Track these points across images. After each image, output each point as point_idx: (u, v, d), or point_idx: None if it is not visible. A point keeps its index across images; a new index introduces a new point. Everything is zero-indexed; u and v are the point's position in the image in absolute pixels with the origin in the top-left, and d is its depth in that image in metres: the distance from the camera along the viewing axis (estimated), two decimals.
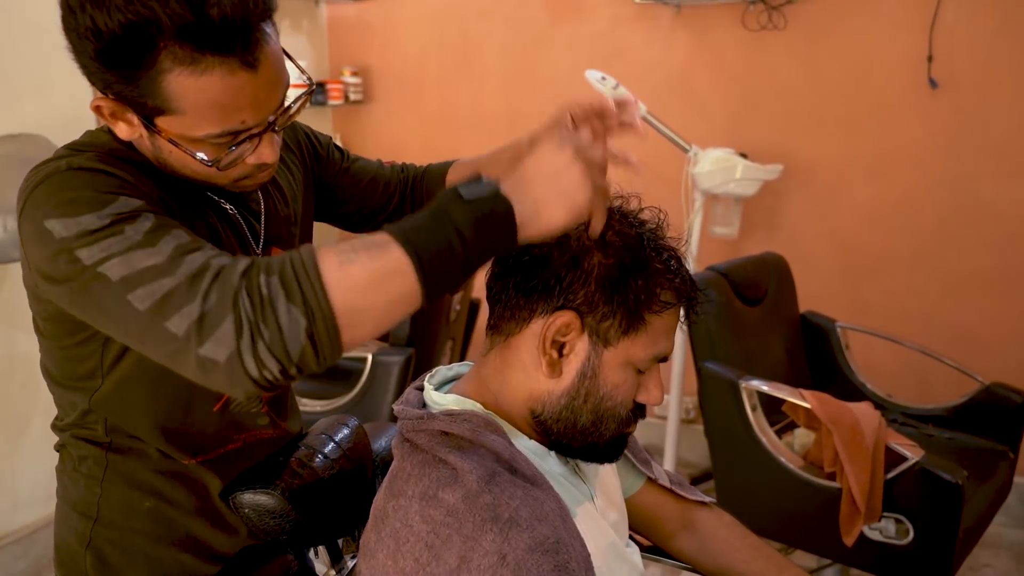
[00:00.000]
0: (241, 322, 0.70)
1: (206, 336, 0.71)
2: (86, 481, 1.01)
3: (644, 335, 0.88)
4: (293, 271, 0.71)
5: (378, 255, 0.71)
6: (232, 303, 0.70)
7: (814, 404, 1.94)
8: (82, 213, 0.77)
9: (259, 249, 1.03)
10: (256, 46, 0.78)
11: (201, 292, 0.72)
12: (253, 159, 0.87)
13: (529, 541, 0.79)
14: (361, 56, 3.47)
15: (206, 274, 0.73)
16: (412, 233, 0.72)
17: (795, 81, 2.79)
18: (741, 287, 2.33)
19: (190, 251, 0.75)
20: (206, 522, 1.04)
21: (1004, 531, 2.64)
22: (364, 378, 2.48)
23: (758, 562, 1.10)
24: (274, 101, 0.84)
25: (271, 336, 0.70)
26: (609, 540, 0.96)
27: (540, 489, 0.86)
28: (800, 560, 2.31)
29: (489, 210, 0.73)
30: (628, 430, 0.94)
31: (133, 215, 0.78)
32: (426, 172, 1.30)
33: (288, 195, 1.11)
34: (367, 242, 0.73)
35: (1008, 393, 2.23)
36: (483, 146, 3.40)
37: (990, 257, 2.63)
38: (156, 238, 0.76)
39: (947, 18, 2.55)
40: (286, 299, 0.70)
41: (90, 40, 0.76)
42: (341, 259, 0.71)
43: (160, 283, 0.73)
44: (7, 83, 2.28)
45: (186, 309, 0.71)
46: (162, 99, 0.78)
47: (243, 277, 0.72)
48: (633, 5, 2.91)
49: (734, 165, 2.57)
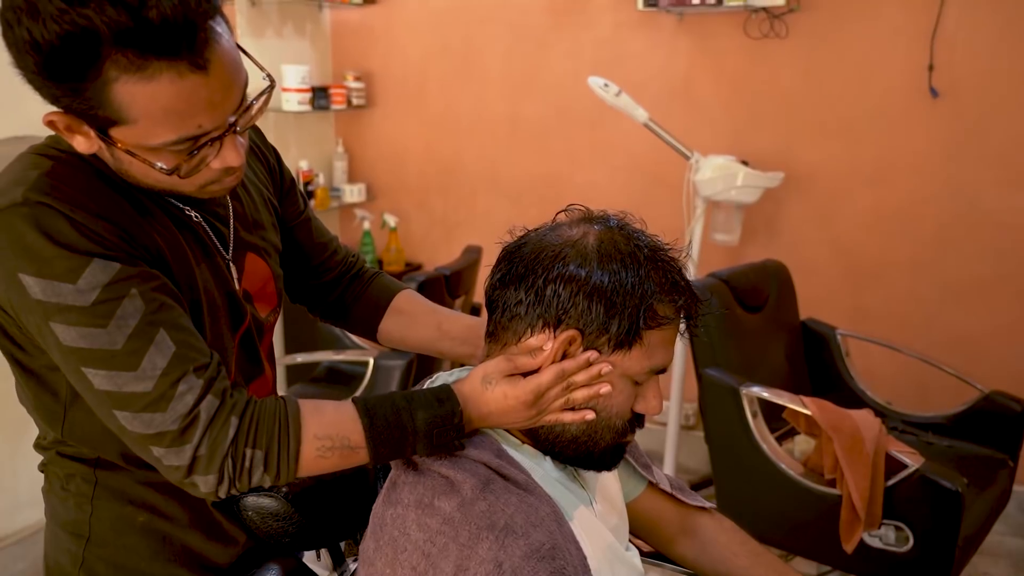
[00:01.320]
0: (222, 478, 0.83)
1: (193, 474, 0.83)
2: (76, 500, 0.98)
3: (641, 349, 0.88)
4: (276, 452, 0.84)
5: (349, 457, 0.87)
6: (220, 465, 0.82)
7: (814, 411, 1.94)
8: (59, 279, 0.78)
9: (229, 255, 0.98)
10: (204, 46, 0.75)
11: (193, 443, 0.81)
12: (217, 163, 0.83)
13: (525, 548, 0.80)
14: (364, 61, 3.48)
15: (197, 426, 0.81)
16: (383, 447, 0.87)
17: (796, 89, 2.80)
18: (742, 294, 2.33)
19: (177, 379, 0.81)
20: (202, 534, 1.02)
21: (1003, 539, 2.64)
22: (366, 382, 2.49)
23: (758, 568, 1.10)
24: (231, 102, 0.80)
25: (242, 486, 0.85)
26: (608, 543, 0.96)
27: (534, 495, 0.87)
28: (800, 567, 2.30)
29: (446, 445, 0.88)
30: (625, 440, 0.94)
31: (115, 297, 0.79)
32: (375, 280, 1.23)
33: (257, 200, 1.06)
34: (344, 440, 0.87)
35: (1008, 401, 2.23)
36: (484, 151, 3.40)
37: (990, 265, 2.63)
38: (140, 353, 0.80)
39: (948, 27, 2.56)
40: (263, 471, 0.84)
41: (30, 54, 0.73)
42: (319, 452, 0.86)
43: (151, 417, 0.80)
44: (11, 85, 2.28)
45: (176, 450, 0.81)
46: (112, 109, 0.75)
47: (232, 443, 0.82)
48: (636, 12, 2.92)
49: (735, 172, 2.58)
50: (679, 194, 2.73)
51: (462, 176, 3.41)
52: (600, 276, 0.86)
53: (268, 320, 1.06)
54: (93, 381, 0.80)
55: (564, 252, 0.87)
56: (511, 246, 0.93)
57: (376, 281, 1.23)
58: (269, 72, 0.86)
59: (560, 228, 0.92)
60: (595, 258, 0.87)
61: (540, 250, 0.89)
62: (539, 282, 0.87)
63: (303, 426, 0.85)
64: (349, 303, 1.22)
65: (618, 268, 0.86)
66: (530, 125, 3.23)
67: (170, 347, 0.81)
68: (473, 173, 3.38)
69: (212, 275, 0.94)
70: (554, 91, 3.15)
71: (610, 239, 0.88)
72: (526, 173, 3.27)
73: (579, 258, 0.87)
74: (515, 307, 0.89)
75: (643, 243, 0.90)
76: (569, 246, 0.88)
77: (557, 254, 0.87)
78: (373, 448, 0.86)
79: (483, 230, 3.35)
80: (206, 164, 0.83)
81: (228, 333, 0.97)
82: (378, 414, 0.87)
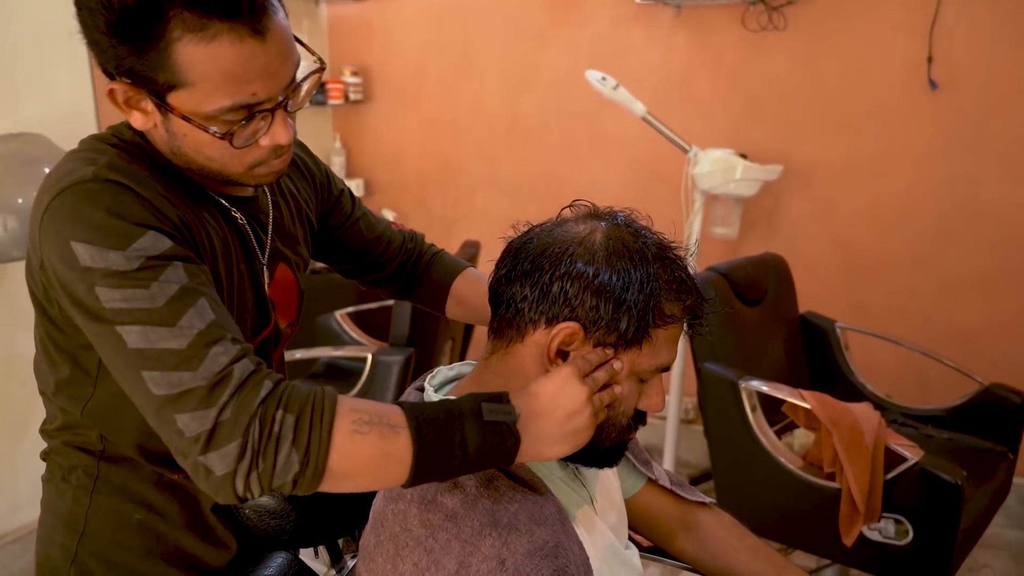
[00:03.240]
0: (246, 448, 0.74)
1: (212, 448, 0.75)
2: (75, 492, 0.98)
3: (648, 347, 0.87)
4: (309, 419, 0.76)
5: (389, 437, 0.77)
6: (245, 427, 0.74)
7: (814, 404, 1.94)
8: (110, 247, 0.78)
9: (264, 260, 1.01)
10: (263, 13, 0.79)
11: (219, 404, 0.75)
12: (267, 140, 0.86)
13: (528, 545, 0.79)
14: (361, 56, 3.47)
15: (228, 384, 0.76)
16: (425, 428, 0.77)
17: (795, 82, 2.79)
18: (741, 287, 2.33)
19: (212, 341, 0.77)
20: (196, 536, 1.02)
21: (1003, 532, 2.64)
22: (364, 377, 2.48)
23: (757, 563, 1.10)
24: (285, 74, 0.84)
25: (265, 468, 0.75)
26: (608, 542, 0.96)
27: (538, 493, 0.86)
28: (800, 560, 2.31)
29: (499, 440, 0.79)
30: (628, 437, 0.94)
31: (161, 263, 0.79)
32: (435, 261, 1.29)
33: (295, 213, 1.10)
34: (383, 417, 0.78)
35: (1007, 394, 2.23)
36: (483, 146, 3.39)
37: (989, 258, 2.63)
38: (179, 312, 0.78)
39: (947, 19, 2.55)
40: (292, 443, 0.75)
41: (102, 13, 0.77)
42: (355, 426, 0.77)
43: (179, 376, 0.76)
44: (8, 82, 2.28)
45: (201, 413, 0.75)
46: (173, 71, 0.79)
47: (262, 404, 0.75)
48: (633, 5, 2.91)
49: (734, 166, 2.58)
50: (678, 188, 2.72)
51: (460, 172, 3.40)
52: (608, 274, 0.85)
53: (286, 331, 1.08)
54: (127, 339, 0.77)
55: (571, 249, 0.87)
56: (516, 241, 0.92)
57: (435, 264, 1.28)
58: (320, 56, 0.89)
59: (566, 224, 0.91)
60: (603, 256, 0.86)
61: (546, 246, 0.88)
62: (545, 279, 0.86)
63: (339, 400, 0.79)
64: (414, 288, 1.29)
65: (626, 266, 0.86)
66: (528, 120, 3.22)
67: (210, 314, 0.79)
68: (471, 169, 3.38)
69: (249, 277, 0.97)
70: (552, 86, 3.14)
71: (617, 236, 0.88)
72: (524, 168, 3.26)
73: (587, 255, 0.86)
74: (520, 303, 0.88)
75: (650, 240, 0.89)
76: (576, 243, 0.87)
77: (564, 251, 0.87)
78: (415, 428, 0.77)
79: (481, 226, 3.35)
80: (256, 140, 0.86)
81: (250, 335, 0.98)
82: (418, 405, 0.82)
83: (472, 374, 0.97)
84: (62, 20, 1.20)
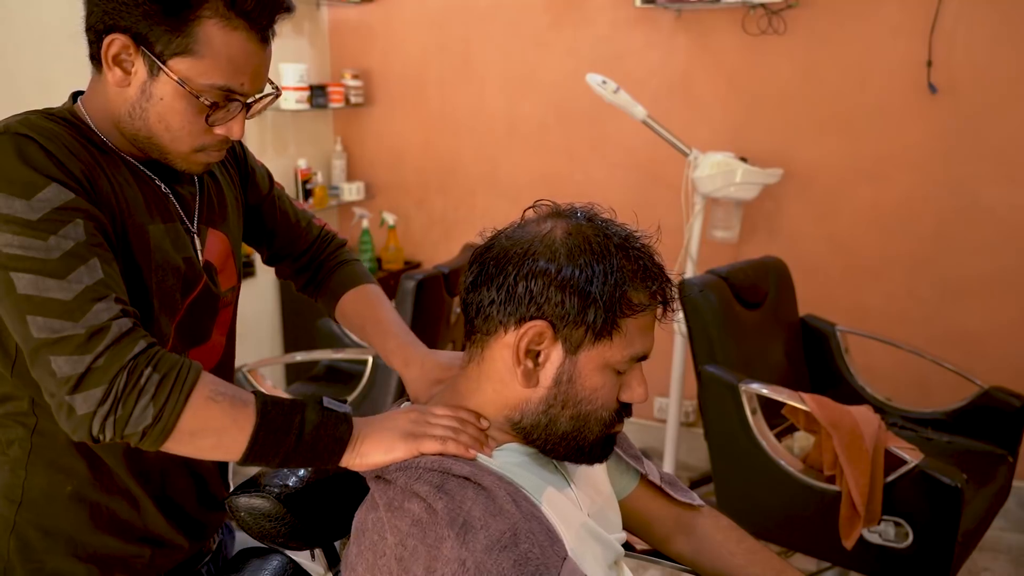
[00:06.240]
0: (109, 394, 0.82)
1: (80, 390, 0.82)
2: (11, 465, 1.01)
3: (619, 338, 0.88)
4: (173, 380, 0.84)
5: (238, 407, 0.87)
6: (113, 376, 0.82)
7: (814, 407, 1.94)
8: (14, 195, 0.85)
9: (195, 227, 1.06)
10: (270, 31, 0.96)
11: (95, 352, 0.82)
12: (222, 130, 0.97)
13: (485, 541, 0.79)
14: (362, 59, 3.47)
15: (105, 336, 0.83)
16: (271, 407, 0.88)
17: (795, 85, 2.79)
18: (741, 290, 2.33)
19: (97, 297, 0.84)
20: (127, 503, 1.04)
21: (1003, 535, 2.64)
22: (365, 380, 2.48)
23: (755, 566, 1.10)
24: (262, 81, 0.98)
25: (121, 415, 0.83)
26: (581, 522, 0.95)
27: (486, 481, 0.86)
28: (799, 563, 2.30)
29: (333, 422, 0.90)
30: (613, 431, 0.94)
31: (63, 219, 0.85)
32: (340, 268, 1.32)
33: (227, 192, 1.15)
34: (238, 392, 0.88)
35: (1007, 397, 2.23)
36: (483, 149, 3.41)
37: (989, 261, 2.63)
38: (71, 267, 0.84)
39: (946, 23, 2.55)
40: (151, 397, 0.83)
41: None
42: (212, 394, 0.86)
43: (61, 323, 0.83)
44: (9, 84, 2.29)
45: (75, 359, 0.82)
46: (191, 39, 0.90)
47: (133, 359, 0.83)
48: (634, 9, 2.91)
49: (734, 169, 2.58)
50: (678, 191, 2.72)
51: (461, 174, 3.41)
52: (570, 268, 0.86)
53: (226, 295, 1.12)
54: (17, 284, 0.83)
55: (533, 248, 0.88)
56: (480, 248, 0.94)
57: (339, 271, 1.31)
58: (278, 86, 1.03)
59: (528, 225, 0.93)
60: (564, 251, 0.87)
61: (509, 248, 0.90)
62: (510, 280, 0.88)
63: (204, 373, 0.88)
64: (314, 289, 1.33)
65: (588, 259, 0.87)
66: (529, 123, 3.23)
67: (99, 273, 0.86)
68: (472, 171, 3.38)
69: (170, 237, 1.01)
70: (552, 89, 3.14)
71: (578, 231, 0.89)
72: (525, 171, 3.27)
73: (548, 252, 0.87)
74: (488, 307, 0.89)
75: (612, 232, 0.90)
76: (537, 241, 0.89)
77: (526, 251, 0.88)
78: (262, 403, 0.88)
79: (481, 228, 3.35)
80: (215, 126, 0.96)
81: (178, 296, 1.02)
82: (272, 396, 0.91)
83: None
84: (64, 21, 1.21)
